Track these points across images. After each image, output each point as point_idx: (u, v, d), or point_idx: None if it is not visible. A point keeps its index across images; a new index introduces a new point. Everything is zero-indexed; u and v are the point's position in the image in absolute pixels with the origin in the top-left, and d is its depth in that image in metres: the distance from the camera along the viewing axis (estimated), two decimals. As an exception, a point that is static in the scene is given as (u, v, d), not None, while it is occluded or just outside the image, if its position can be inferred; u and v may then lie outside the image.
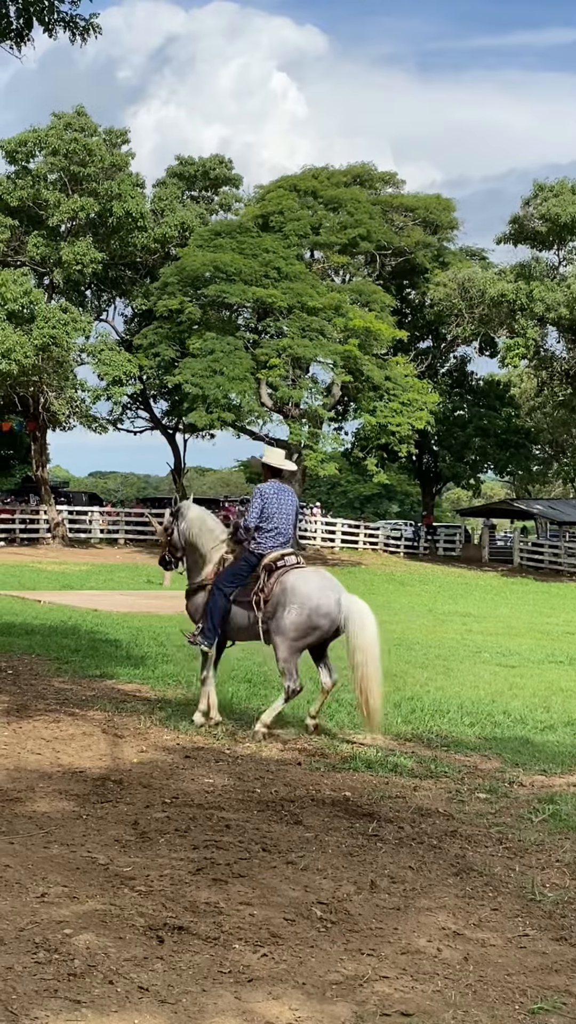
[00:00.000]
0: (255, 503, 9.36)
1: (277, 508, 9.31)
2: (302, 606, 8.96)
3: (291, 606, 8.97)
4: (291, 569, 9.20)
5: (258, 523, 9.25)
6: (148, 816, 6.49)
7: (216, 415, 39.38)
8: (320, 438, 42.70)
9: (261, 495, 9.38)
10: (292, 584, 9.05)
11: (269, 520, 9.27)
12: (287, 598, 9.01)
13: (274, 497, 9.36)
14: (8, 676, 11.57)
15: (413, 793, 7.48)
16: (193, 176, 49.23)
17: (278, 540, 9.29)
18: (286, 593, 9.02)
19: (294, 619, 8.97)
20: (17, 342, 39.16)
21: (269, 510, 9.28)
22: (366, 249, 44.94)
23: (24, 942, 4.44)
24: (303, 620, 8.97)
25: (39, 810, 6.52)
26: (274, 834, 6.25)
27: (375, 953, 4.61)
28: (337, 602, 9.02)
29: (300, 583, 9.08)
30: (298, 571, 9.22)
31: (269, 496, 9.35)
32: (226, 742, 8.85)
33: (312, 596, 9.01)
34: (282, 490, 9.50)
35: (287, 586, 9.05)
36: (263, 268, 40.85)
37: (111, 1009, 3.91)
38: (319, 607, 8.99)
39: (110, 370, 42.87)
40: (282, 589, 9.05)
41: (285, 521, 9.36)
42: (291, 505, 9.46)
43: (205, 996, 4.08)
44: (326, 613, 9.00)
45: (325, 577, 9.36)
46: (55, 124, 44.11)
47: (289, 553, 9.34)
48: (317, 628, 9.03)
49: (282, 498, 9.40)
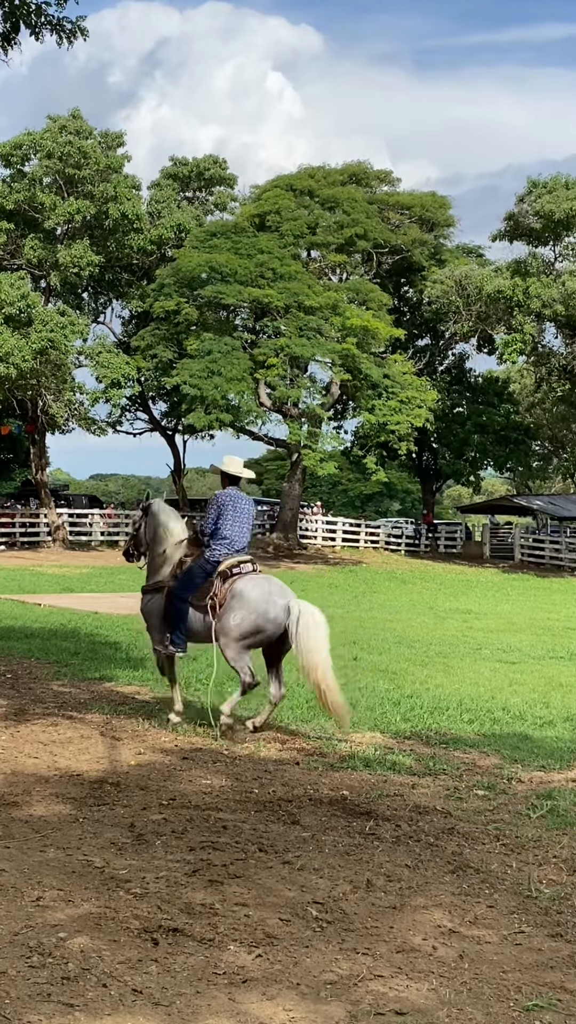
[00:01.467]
0: (212, 510, 9.61)
1: (233, 515, 9.53)
2: (248, 611, 9.16)
3: (237, 610, 9.18)
4: (244, 575, 9.40)
5: (214, 528, 9.47)
6: (145, 818, 6.48)
7: (215, 416, 39.35)
8: (319, 437, 42.66)
9: (218, 502, 9.60)
10: (241, 589, 9.26)
11: (224, 527, 9.49)
12: (235, 602, 9.22)
13: (230, 504, 9.57)
14: (7, 680, 11.57)
15: (411, 791, 7.47)
16: (188, 177, 49.21)
17: (232, 547, 9.50)
18: (235, 598, 9.23)
19: (238, 622, 9.17)
20: (15, 346, 39.15)
21: (225, 517, 9.50)
22: (363, 248, 44.92)
23: (18, 946, 4.43)
24: (248, 623, 9.17)
25: (36, 814, 6.52)
26: (271, 834, 6.25)
27: (370, 952, 4.60)
28: (284, 607, 9.18)
29: (248, 588, 9.27)
30: (249, 577, 9.41)
31: (226, 503, 9.57)
32: (224, 743, 8.84)
33: (259, 601, 9.19)
34: (239, 498, 9.71)
35: (236, 591, 9.26)
36: (259, 268, 40.83)
37: (104, 1012, 3.91)
38: (266, 612, 9.18)
39: (108, 372, 42.86)
40: (232, 594, 9.26)
41: (240, 528, 9.59)
42: (247, 513, 9.68)
43: (199, 998, 4.08)
44: (272, 618, 9.18)
45: (274, 583, 9.51)
46: (50, 127, 44.09)
47: (245, 560, 9.53)
48: (262, 631, 9.22)
49: (238, 505, 9.62)
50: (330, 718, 9.31)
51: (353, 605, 26.40)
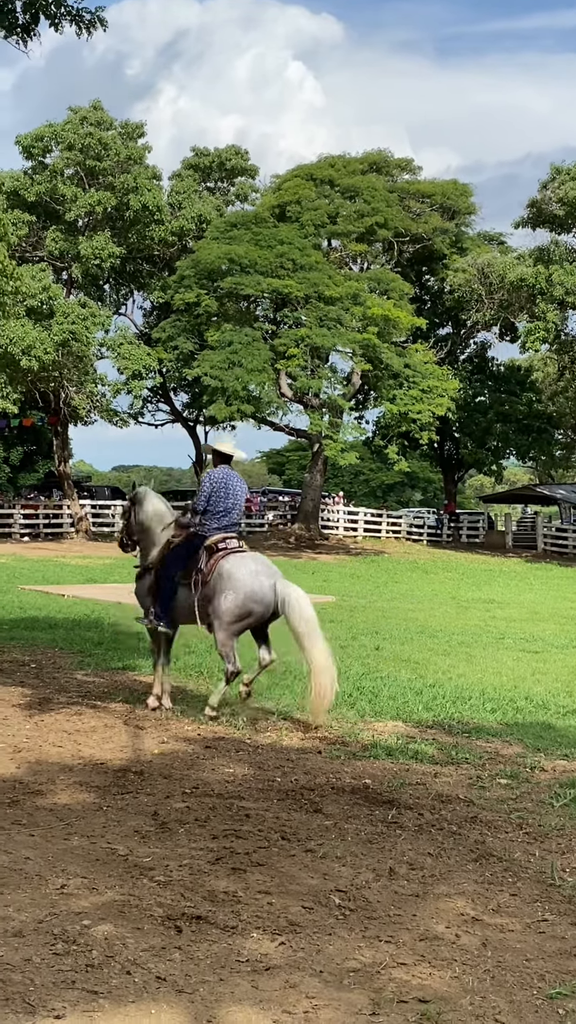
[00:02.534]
0: (204, 487, 9.74)
1: (225, 493, 9.65)
2: (236, 592, 9.23)
3: (227, 592, 9.24)
4: (230, 553, 9.48)
5: (206, 507, 9.59)
6: (168, 807, 6.51)
7: (236, 407, 39.31)
8: (340, 427, 42.56)
9: (210, 480, 9.74)
10: (228, 569, 9.32)
11: (216, 504, 9.61)
12: (223, 584, 9.28)
13: (222, 482, 9.68)
14: (31, 670, 11.63)
15: (434, 780, 7.48)
16: (209, 167, 49.16)
17: (223, 522, 9.63)
18: (222, 579, 9.30)
19: (229, 605, 9.23)
20: (37, 338, 39.24)
21: (217, 495, 9.61)
22: (383, 237, 44.75)
23: (43, 934, 4.46)
24: (238, 605, 9.24)
25: (60, 802, 6.56)
26: (293, 823, 6.26)
27: (393, 940, 4.61)
28: (272, 587, 9.26)
29: (235, 568, 9.33)
30: (235, 556, 9.47)
31: (218, 481, 9.68)
32: (246, 732, 8.86)
33: (246, 582, 9.26)
34: (231, 476, 9.80)
35: (223, 571, 9.33)
36: (279, 259, 40.73)
37: (128, 999, 3.93)
38: (253, 592, 9.24)
39: (129, 364, 42.91)
40: (219, 574, 9.34)
41: (232, 506, 9.70)
42: (239, 491, 9.80)
43: (222, 985, 4.09)
44: (259, 599, 9.25)
45: (261, 562, 9.57)
46: (71, 119, 44.11)
47: (231, 537, 9.65)
48: (251, 613, 9.29)
49: (230, 484, 9.72)
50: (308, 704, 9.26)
51: (375, 595, 26.38)
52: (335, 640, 15.30)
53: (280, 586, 9.26)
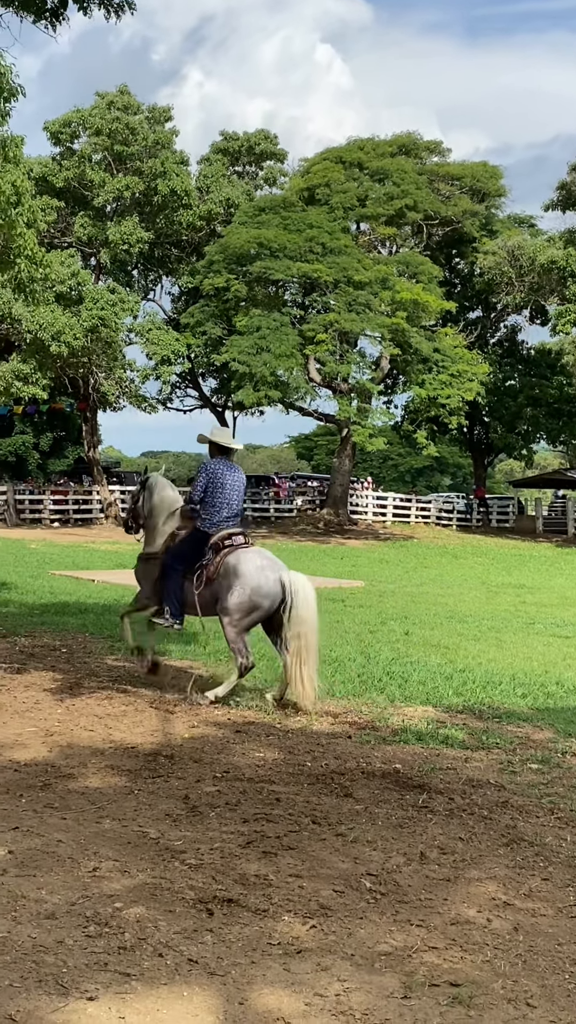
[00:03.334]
0: (200, 479, 9.68)
1: (223, 485, 9.61)
2: (243, 587, 9.24)
3: (234, 588, 9.26)
4: (236, 549, 9.46)
5: (202, 497, 9.57)
6: (199, 790, 6.53)
7: (264, 392, 39.29)
8: (369, 412, 42.46)
9: (207, 471, 9.69)
10: (234, 565, 9.32)
11: (214, 496, 9.58)
12: (230, 580, 9.29)
13: (220, 474, 9.65)
14: (62, 655, 11.69)
15: (464, 765, 7.46)
16: (238, 151, 49.06)
17: (223, 515, 9.59)
18: (229, 574, 9.31)
19: (236, 600, 9.25)
20: (66, 324, 39.37)
21: (214, 486, 9.58)
22: (413, 220, 44.52)
23: (75, 916, 4.49)
24: (245, 600, 9.25)
25: (91, 786, 6.59)
26: (324, 807, 6.27)
27: (424, 924, 4.61)
28: (278, 581, 9.25)
29: (242, 564, 9.32)
30: (241, 551, 9.45)
31: (215, 473, 9.64)
32: (276, 716, 8.87)
33: (252, 576, 9.26)
34: (229, 467, 9.77)
35: (230, 567, 9.33)
36: (307, 243, 40.61)
37: (160, 981, 3.94)
38: (259, 587, 9.24)
39: (158, 349, 42.99)
40: (225, 570, 9.34)
41: (231, 498, 9.66)
42: (238, 482, 9.76)
43: (254, 968, 4.10)
44: (267, 593, 9.25)
45: (266, 557, 9.55)
46: (98, 104, 44.12)
47: (237, 532, 9.62)
48: (258, 608, 9.30)
49: (228, 475, 9.69)
50: (293, 694, 9.20)
51: (404, 580, 26.35)
52: (364, 625, 15.35)
53: (286, 578, 9.26)
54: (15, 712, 8.68)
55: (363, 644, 13.22)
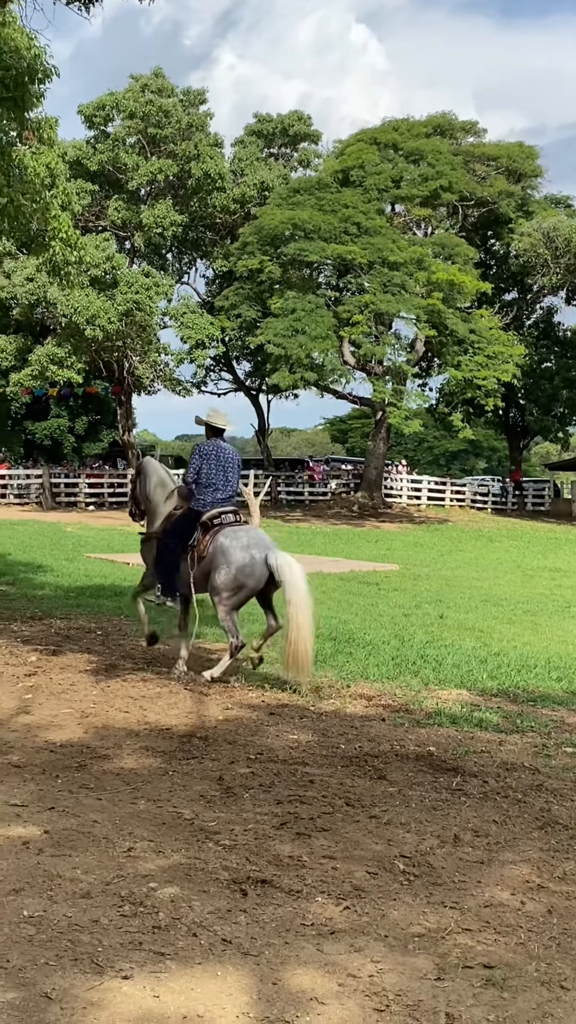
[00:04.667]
0: (194, 460, 9.84)
1: (216, 465, 9.75)
2: (229, 566, 9.38)
3: (220, 567, 9.41)
4: (224, 527, 9.61)
5: (196, 479, 9.74)
6: (233, 772, 6.55)
7: (299, 375, 39.21)
8: (404, 395, 42.26)
9: (201, 452, 9.82)
10: (221, 544, 9.48)
11: (207, 477, 9.74)
12: (218, 559, 9.45)
13: (213, 455, 9.78)
14: (97, 637, 11.76)
15: (498, 748, 7.44)
16: (272, 133, 48.84)
17: (216, 496, 9.76)
18: (217, 553, 9.46)
19: (223, 580, 9.41)
20: (101, 308, 39.47)
21: (208, 467, 9.74)
22: (448, 200, 44.18)
23: (111, 895, 4.52)
24: (231, 579, 9.40)
25: (126, 767, 6.63)
26: (357, 789, 6.27)
27: (458, 906, 4.60)
28: (263, 561, 9.36)
29: (228, 543, 9.46)
30: (229, 529, 9.60)
31: (208, 454, 9.78)
32: (310, 699, 8.88)
33: (237, 556, 9.39)
34: (221, 448, 9.88)
35: (217, 546, 9.49)
36: (342, 224, 40.42)
37: (195, 961, 3.97)
38: (244, 567, 9.38)
39: (192, 333, 43.00)
40: (214, 549, 9.50)
41: (224, 478, 9.80)
42: (231, 462, 9.87)
43: (287, 948, 4.12)
44: (251, 573, 9.39)
45: (253, 536, 9.65)
46: (132, 87, 44.09)
47: (228, 511, 9.77)
48: (244, 587, 9.46)
49: (221, 456, 9.82)
50: (290, 671, 9.28)
51: (439, 563, 26.28)
52: (399, 608, 15.33)
53: (272, 558, 9.36)
54: (51, 693, 8.74)
55: (397, 627, 13.21)
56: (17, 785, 6.10)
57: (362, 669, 10.09)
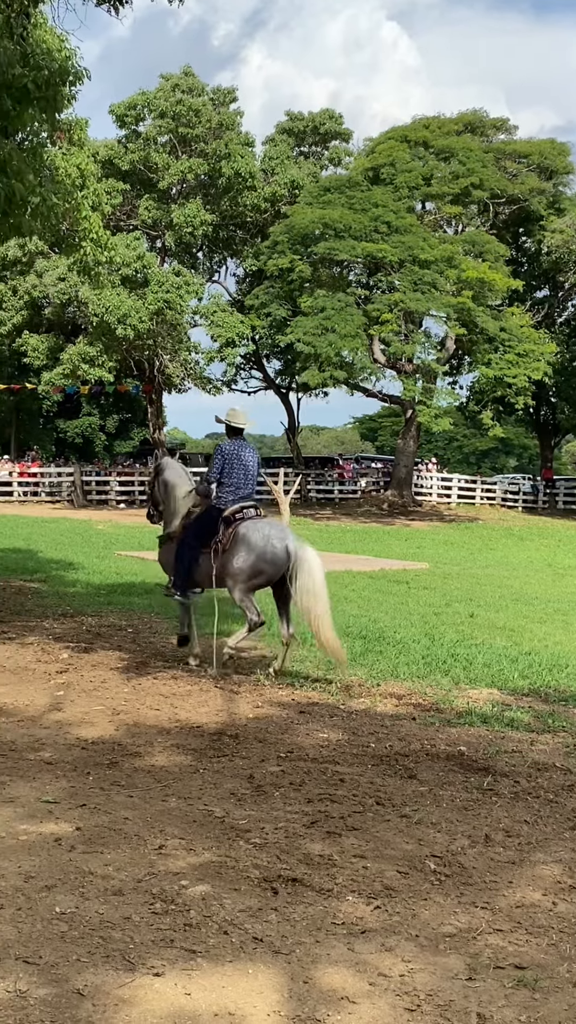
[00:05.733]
0: (216, 459, 10.02)
1: (237, 464, 9.94)
2: (250, 552, 9.60)
3: (240, 552, 9.64)
4: (246, 520, 9.83)
5: (219, 478, 9.91)
6: (263, 770, 6.56)
7: (328, 373, 39.18)
8: (434, 393, 42.14)
9: (222, 452, 10.02)
10: (242, 533, 9.71)
11: (229, 475, 9.92)
12: (238, 546, 9.67)
13: (235, 454, 9.95)
14: (128, 634, 11.81)
15: (530, 748, 7.41)
16: (303, 132, 48.80)
17: (238, 494, 9.94)
18: (237, 541, 9.69)
19: (241, 564, 9.63)
20: (132, 307, 39.60)
21: (229, 466, 9.91)
22: (479, 198, 43.99)
23: (142, 893, 4.54)
24: (250, 565, 9.62)
25: (157, 764, 6.66)
26: (388, 788, 6.27)
27: (489, 906, 4.59)
28: (284, 549, 9.58)
29: (250, 531, 9.70)
30: (250, 522, 9.81)
31: (229, 453, 9.95)
32: (340, 698, 8.88)
33: (259, 543, 9.61)
34: (243, 447, 10.07)
35: (238, 535, 9.71)
36: (373, 223, 40.33)
37: (226, 959, 3.98)
38: (265, 553, 9.60)
39: (223, 331, 43.05)
40: (235, 539, 9.71)
41: (245, 476, 9.99)
42: (252, 461, 10.07)
43: (318, 947, 4.12)
44: (271, 560, 9.60)
45: (275, 527, 9.95)
46: (163, 86, 44.19)
47: (248, 506, 9.97)
48: (263, 572, 9.67)
49: (242, 455, 10.00)
50: (327, 658, 9.68)
51: (469, 562, 26.19)
52: (429, 607, 15.29)
53: (293, 547, 9.58)
54: (83, 691, 8.79)
55: (428, 626, 13.18)
56: (49, 782, 6.14)
57: (392, 668, 10.08)
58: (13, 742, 7.04)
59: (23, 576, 17.33)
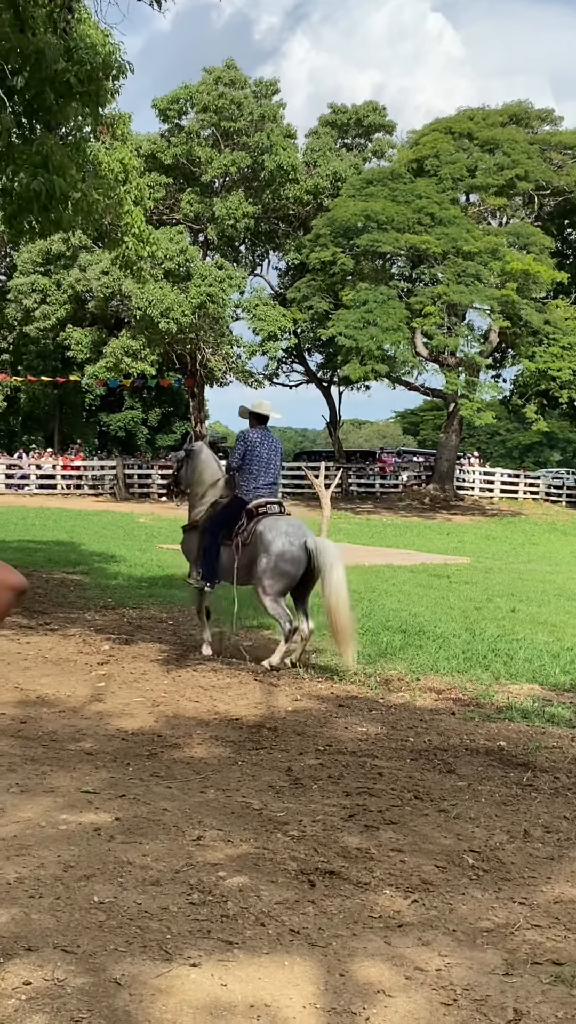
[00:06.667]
0: (238, 448, 10.04)
1: (260, 453, 9.95)
2: (269, 554, 9.58)
3: (261, 556, 9.61)
4: (267, 516, 9.81)
5: (240, 465, 9.93)
6: (301, 763, 6.57)
7: (370, 367, 39.08)
8: (477, 386, 41.93)
9: (245, 440, 10.03)
10: (261, 532, 9.68)
11: (251, 464, 9.95)
12: (258, 548, 9.65)
13: (257, 442, 9.98)
14: (168, 627, 11.86)
15: (570, 743, 7.36)
16: (346, 124, 48.69)
17: (260, 482, 9.95)
18: (257, 542, 9.67)
19: (264, 567, 9.62)
20: (175, 300, 39.73)
21: (252, 454, 9.94)
22: (524, 190, 43.67)
23: (180, 884, 4.56)
24: (271, 567, 9.59)
25: (196, 756, 6.68)
26: (426, 782, 6.25)
27: (527, 902, 4.57)
28: (302, 547, 9.55)
29: (268, 531, 9.66)
30: (270, 519, 9.78)
31: (253, 441, 9.99)
32: (379, 691, 8.87)
33: (276, 544, 9.59)
34: (265, 436, 10.08)
35: (257, 534, 9.69)
36: (416, 215, 40.17)
37: (262, 951, 3.98)
38: (283, 554, 9.57)
39: (265, 325, 43.09)
40: (255, 537, 9.70)
41: (267, 465, 10.01)
42: (274, 451, 10.08)
43: (355, 940, 4.12)
44: (291, 559, 9.57)
45: (292, 524, 9.82)
46: (206, 79, 44.24)
47: (273, 501, 9.98)
48: (285, 573, 9.62)
49: (265, 443, 10.02)
50: (338, 652, 9.62)
51: (511, 557, 26.04)
52: (470, 601, 15.23)
53: (311, 544, 9.56)
54: (123, 682, 8.84)
55: (468, 621, 13.13)
56: (89, 772, 6.18)
57: (432, 662, 10.05)
58: (54, 732, 7.10)
59: (66, 568, 17.45)
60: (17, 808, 5.43)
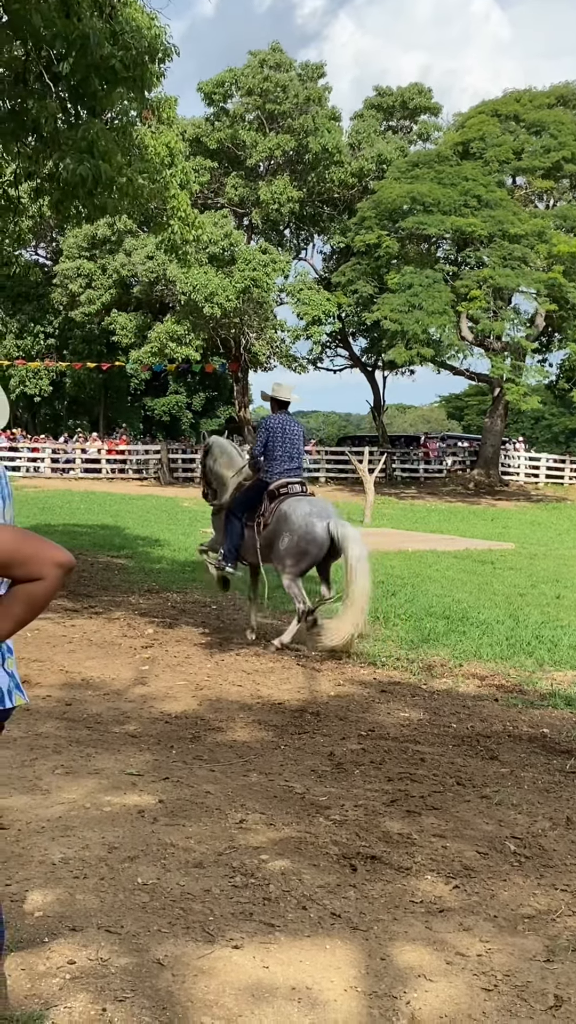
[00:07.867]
0: (261, 433, 10.17)
1: (282, 438, 10.04)
2: (292, 534, 9.69)
3: (283, 535, 9.72)
4: (289, 496, 9.91)
5: (263, 451, 10.04)
6: (344, 748, 6.59)
7: (415, 351, 38.87)
8: (523, 371, 41.55)
9: (267, 426, 10.13)
10: (284, 512, 9.79)
11: (274, 449, 10.05)
12: (280, 527, 9.76)
13: (279, 428, 10.07)
14: (212, 611, 11.92)
15: (614, 731, 7.32)
16: (391, 107, 48.35)
17: (282, 466, 10.04)
18: (279, 522, 9.79)
19: (286, 547, 9.74)
20: (219, 285, 39.73)
21: (274, 440, 10.04)
22: (571, 172, 43.11)
23: (222, 866, 4.60)
24: (293, 547, 9.70)
25: (239, 739, 6.72)
26: (469, 768, 6.25)
27: (569, 888, 4.56)
28: (325, 528, 9.62)
29: (291, 511, 9.77)
30: (292, 499, 9.88)
31: (274, 427, 10.08)
32: (422, 677, 8.86)
33: (299, 524, 9.68)
34: (288, 421, 10.17)
35: (280, 514, 9.81)
36: (462, 197, 39.84)
37: (304, 934, 4.01)
38: (306, 534, 9.65)
39: (309, 309, 42.97)
40: (277, 518, 9.82)
41: (290, 450, 10.11)
42: (296, 435, 10.16)
43: (396, 924, 4.14)
44: (312, 539, 9.66)
45: (315, 504, 9.92)
46: (251, 63, 44.09)
47: (295, 481, 10.07)
48: (307, 553, 9.72)
49: (287, 428, 10.11)
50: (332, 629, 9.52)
51: (556, 543, 25.84)
52: (514, 588, 15.15)
53: (334, 526, 9.61)
54: (167, 666, 8.91)
55: (512, 607, 13.07)
56: (133, 755, 6.24)
57: (475, 648, 10.03)
58: (99, 715, 7.17)
59: (110, 552, 17.57)
60: (62, 789, 5.50)
